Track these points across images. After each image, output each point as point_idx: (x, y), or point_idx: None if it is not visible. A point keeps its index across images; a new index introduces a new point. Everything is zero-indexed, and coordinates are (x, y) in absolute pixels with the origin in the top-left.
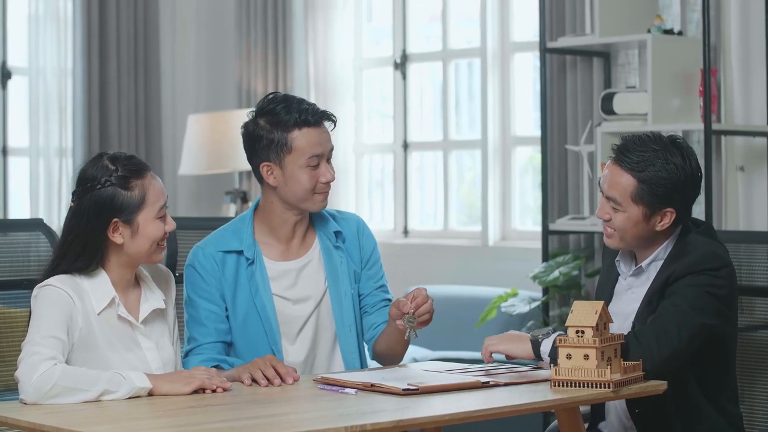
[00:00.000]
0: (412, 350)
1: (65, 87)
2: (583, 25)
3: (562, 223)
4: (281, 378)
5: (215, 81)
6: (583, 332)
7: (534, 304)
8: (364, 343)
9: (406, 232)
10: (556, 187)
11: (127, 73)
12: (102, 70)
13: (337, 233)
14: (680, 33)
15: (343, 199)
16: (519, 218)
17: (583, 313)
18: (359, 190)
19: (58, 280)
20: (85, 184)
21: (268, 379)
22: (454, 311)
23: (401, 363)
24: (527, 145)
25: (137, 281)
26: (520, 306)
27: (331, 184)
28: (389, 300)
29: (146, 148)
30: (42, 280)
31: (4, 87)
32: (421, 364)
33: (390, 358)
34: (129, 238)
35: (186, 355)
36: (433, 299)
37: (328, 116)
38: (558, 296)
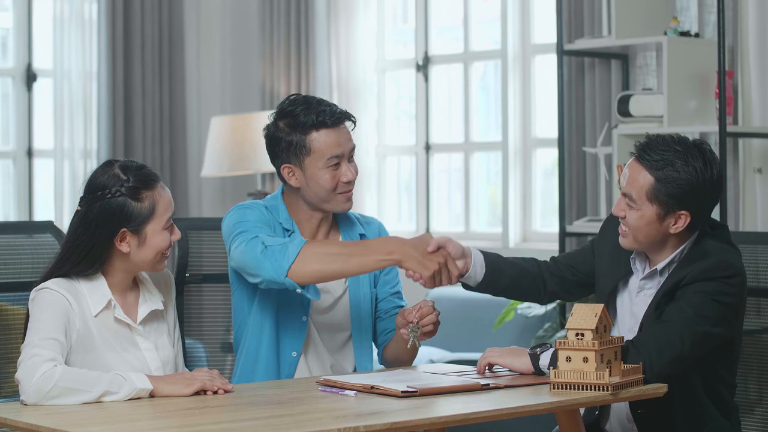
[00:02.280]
0: (430, 351)
1: (90, 89)
2: (600, 28)
3: (579, 225)
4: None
5: (239, 83)
6: (582, 335)
7: (550, 306)
8: (375, 347)
9: (428, 233)
10: (575, 189)
11: (151, 76)
12: (126, 73)
13: (362, 236)
14: (697, 35)
15: (367, 200)
16: (540, 220)
17: (582, 315)
18: (382, 191)
19: (54, 283)
20: (95, 192)
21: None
22: (473, 313)
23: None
24: (548, 147)
25: (136, 283)
26: (536, 308)
27: (355, 185)
28: (402, 307)
29: (171, 150)
30: (39, 283)
31: (30, 89)
32: (424, 366)
33: (397, 366)
34: (135, 248)
35: (254, 237)
36: (439, 312)
37: (347, 117)
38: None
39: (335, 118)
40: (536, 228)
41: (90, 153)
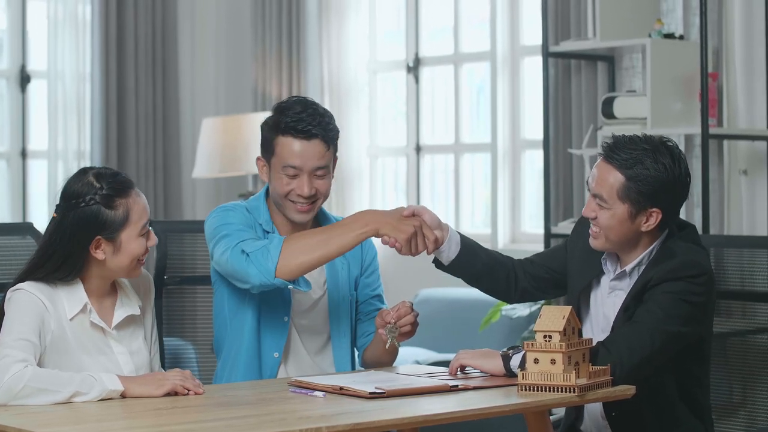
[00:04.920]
0: (416, 352)
1: (84, 90)
2: (587, 30)
3: (564, 226)
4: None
5: (232, 84)
6: (550, 337)
7: (534, 308)
8: (355, 350)
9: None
10: (561, 191)
11: (144, 77)
12: (120, 74)
13: None
14: (681, 37)
15: (356, 201)
16: (529, 221)
17: (551, 317)
18: (373, 192)
19: (30, 285)
20: (69, 200)
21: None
22: (460, 314)
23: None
24: (537, 149)
25: (114, 287)
26: (520, 309)
27: (346, 185)
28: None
29: (164, 152)
30: (14, 284)
31: (24, 91)
32: (399, 368)
33: (376, 368)
34: (111, 255)
35: (236, 244)
36: (417, 313)
37: (319, 135)
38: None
39: (305, 130)
40: (525, 229)
41: (84, 154)
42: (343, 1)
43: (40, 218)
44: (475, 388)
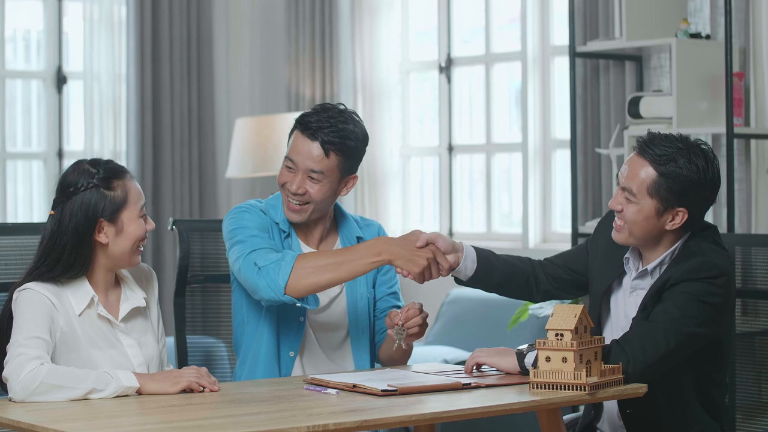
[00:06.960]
0: (445, 351)
1: (119, 91)
2: (614, 30)
3: (591, 226)
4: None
5: (266, 85)
6: (562, 335)
7: None
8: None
9: (451, 233)
10: (589, 190)
11: (179, 77)
12: (155, 75)
13: (359, 239)
14: (708, 37)
15: (390, 200)
16: (560, 220)
17: (562, 316)
18: (406, 192)
19: (36, 284)
20: (68, 190)
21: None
22: (490, 313)
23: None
24: (568, 148)
25: (117, 281)
26: (546, 309)
27: (378, 186)
28: (399, 307)
29: (199, 152)
30: (22, 283)
31: (60, 91)
32: (415, 366)
33: (391, 365)
34: (113, 238)
35: (249, 253)
36: (426, 315)
37: (317, 138)
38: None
39: (309, 128)
40: (556, 228)
41: (119, 154)
42: (375, 2)
43: None
44: (487, 386)
